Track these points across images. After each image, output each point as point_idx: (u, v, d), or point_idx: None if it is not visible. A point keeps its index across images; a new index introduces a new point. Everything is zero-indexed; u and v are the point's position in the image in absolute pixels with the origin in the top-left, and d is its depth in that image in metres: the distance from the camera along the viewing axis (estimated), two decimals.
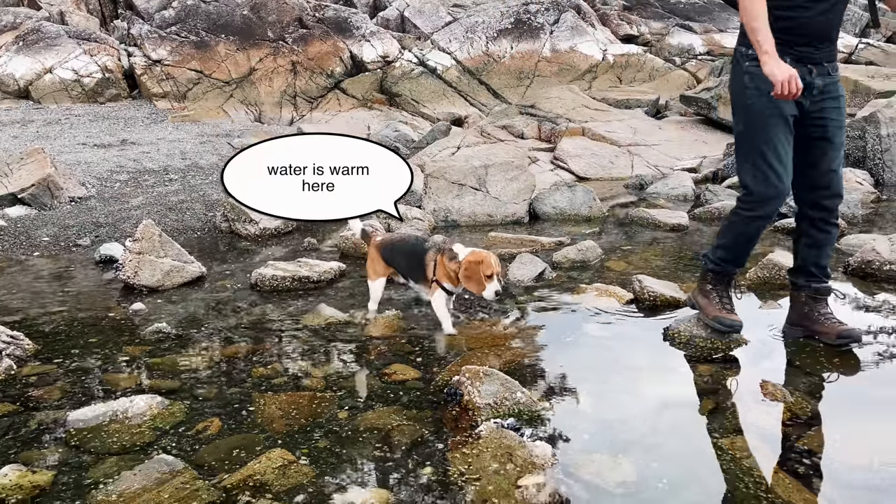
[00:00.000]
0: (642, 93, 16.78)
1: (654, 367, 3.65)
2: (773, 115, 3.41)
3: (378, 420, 3.13)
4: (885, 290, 4.57)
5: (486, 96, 21.32)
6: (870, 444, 2.82)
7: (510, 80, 21.30)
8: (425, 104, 21.09)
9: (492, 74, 21.02)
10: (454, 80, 21.76)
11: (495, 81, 21.53)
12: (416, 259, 4.28)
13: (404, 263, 4.41)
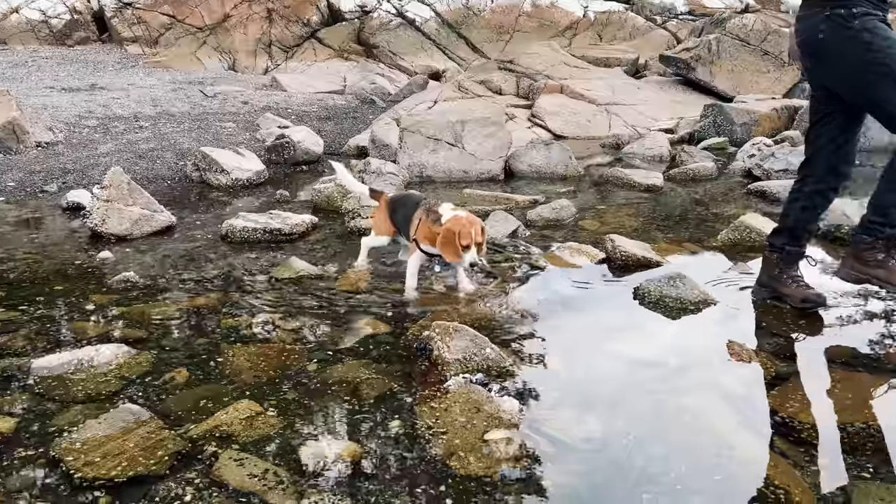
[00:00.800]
0: (622, 51, 16.68)
1: (624, 325, 3.68)
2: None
3: (347, 373, 3.12)
4: None
5: (465, 51, 21.08)
6: (831, 403, 2.86)
7: (490, 34, 21.05)
8: (403, 57, 20.81)
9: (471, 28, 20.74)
10: (433, 33, 21.43)
11: (475, 35, 21.26)
12: (409, 214, 4.18)
13: (401, 220, 4.29)
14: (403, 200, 4.40)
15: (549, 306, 3.92)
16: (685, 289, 3.83)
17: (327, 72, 18.90)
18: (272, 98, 13.72)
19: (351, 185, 4.88)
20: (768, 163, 7.15)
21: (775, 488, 2.33)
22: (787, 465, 2.47)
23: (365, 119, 11.95)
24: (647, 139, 9.30)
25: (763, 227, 4.86)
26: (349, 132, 10.83)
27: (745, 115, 9.38)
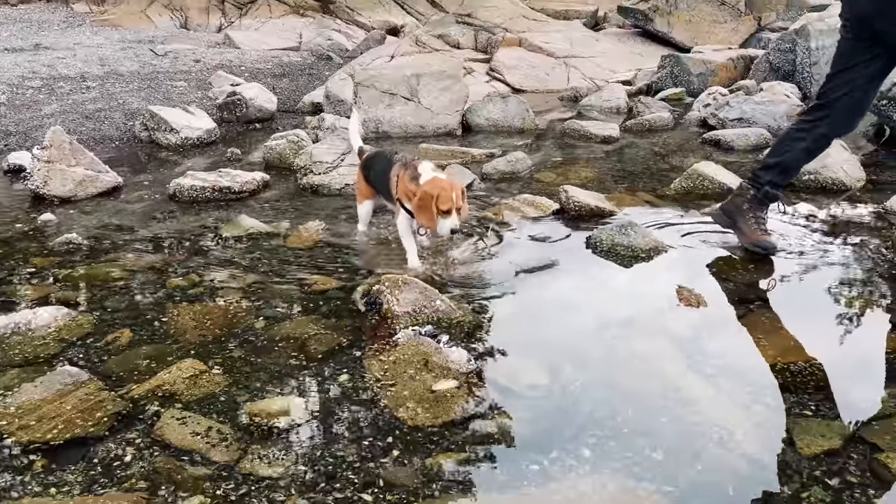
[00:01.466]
0: (581, 3, 16.52)
1: (575, 274, 3.67)
2: None
3: (295, 329, 3.08)
4: (803, 198, 4.68)
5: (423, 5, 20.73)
6: (775, 345, 2.90)
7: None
8: (360, 12, 20.40)
9: None
10: None
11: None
12: (384, 174, 3.84)
13: (376, 179, 3.95)
14: (375, 157, 4.09)
15: (502, 257, 3.89)
16: (636, 237, 3.83)
17: (283, 28, 18.45)
18: (225, 56, 13.36)
19: (352, 136, 4.45)
20: (723, 112, 7.16)
21: (719, 427, 2.36)
22: (732, 405, 2.50)
23: (321, 76, 11.70)
24: (605, 91, 9.24)
25: (715, 175, 4.87)
26: (304, 89, 10.60)
27: (702, 66, 9.37)
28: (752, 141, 6.25)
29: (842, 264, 3.63)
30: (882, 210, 4.33)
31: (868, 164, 5.42)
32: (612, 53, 11.83)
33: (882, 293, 3.31)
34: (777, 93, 7.41)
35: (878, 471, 2.15)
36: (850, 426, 2.36)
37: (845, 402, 2.49)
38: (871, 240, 3.93)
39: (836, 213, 4.38)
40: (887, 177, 5.13)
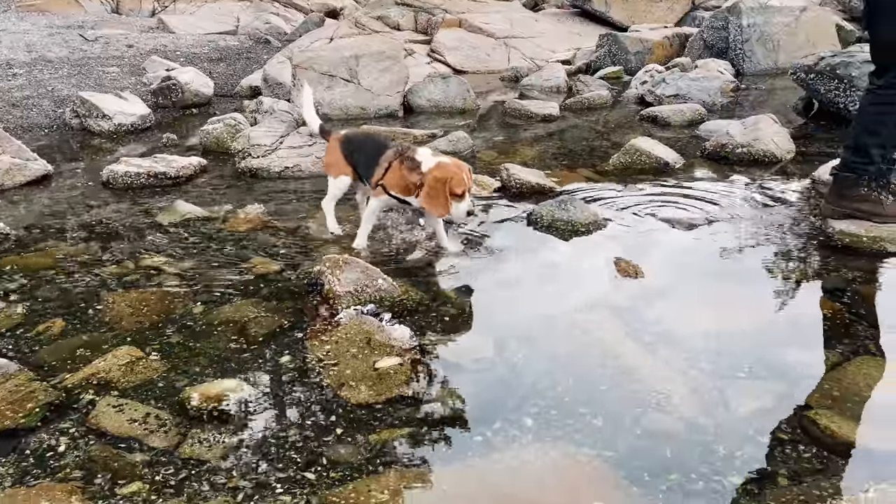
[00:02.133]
0: None
1: (517, 249, 3.69)
2: None
3: (235, 313, 3.03)
4: (737, 171, 4.79)
5: None
6: (710, 312, 2.97)
7: None
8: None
9: None
10: None
11: None
12: (373, 156, 3.68)
13: (363, 161, 3.79)
14: (363, 140, 3.94)
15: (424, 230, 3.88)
16: (576, 211, 3.87)
17: (219, 12, 18.05)
18: (159, 41, 13.01)
19: (307, 112, 4.21)
20: (660, 89, 7.27)
21: (657, 393, 2.41)
22: (670, 370, 2.55)
23: (259, 59, 11.50)
24: (545, 71, 9.31)
25: (652, 150, 4.95)
26: (242, 73, 10.41)
27: (639, 44, 9.50)
28: (688, 116, 6.37)
29: (773, 233, 3.73)
30: (811, 180, 4.46)
31: (798, 136, 5.58)
32: (551, 33, 11.90)
33: (811, 260, 3.42)
34: (711, 69, 7.56)
35: (807, 427, 2.22)
36: (781, 386, 2.44)
37: (777, 364, 2.57)
38: (800, 208, 4.05)
39: (768, 184, 4.50)
40: (816, 148, 5.29)
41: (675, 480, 2.02)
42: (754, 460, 2.09)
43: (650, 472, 2.05)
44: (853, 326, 2.78)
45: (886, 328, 2.78)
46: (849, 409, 2.27)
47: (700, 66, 7.77)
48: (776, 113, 5.82)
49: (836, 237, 3.57)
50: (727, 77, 7.55)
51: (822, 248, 3.52)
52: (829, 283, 3.16)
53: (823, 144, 5.43)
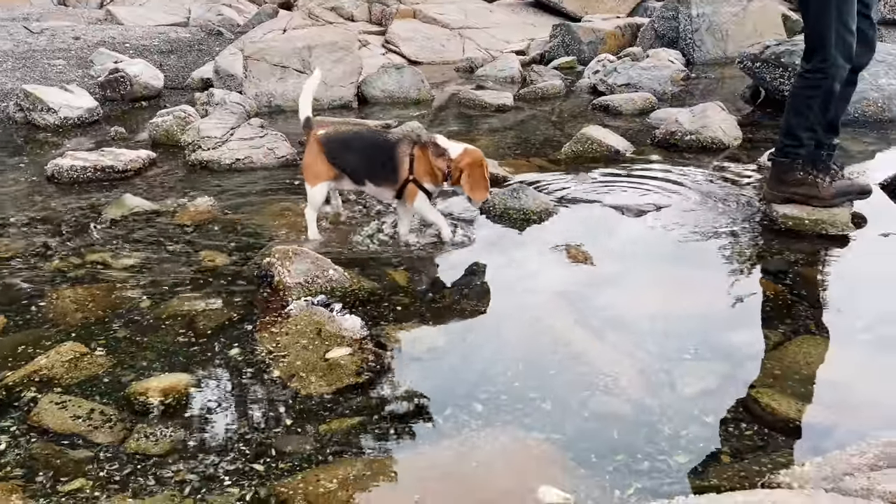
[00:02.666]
0: None
1: (469, 238, 3.70)
2: None
3: (183, 306, 2.99)
4: (686, 158, 4.87)
5: None
6: (657, 295, 3.02)
7: None
8: None
9: None
10: None
11: None
12: (380, 155, 3.52)
13: (361, 162, 3.59)
14: (351, 138, 3.73)
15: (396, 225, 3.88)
16: (528, 200, 3.90)
17: (169, 4, 17.71)
18: (107, 33, 12.73)
19: (305, 99, 3.82)
20: (611, 78, 7.34)
21: (605, 376, 2.44)
22: (617, 354, 2.59)
23: (211, 51, 11.32)
24: (500, 61, 9.33)
25: (604, 139, 5.00)
26: (194, 65, 10.25)
27: (592, 34, 9.57)
28: (639, 105, 6.44)
29: (719, 218, 3.80)
30: (756, 166, 4.55)
31: (745, 123, 5.68)
32: (505, 24, 11.93)
33: (755, 243, 3.49)
34: (662, 59, 7.66)
35: (750, 406, 2.27)
36: (726, 366, 2.49)
37: (721, 346, 2.62)
38: (746, 193, 4.13)
39: (715, 171, 4.58)
40: (762, 135, 5.39)
41: (622, 461, 2.05)
42: (699, 439, 2.13)
43: (597, 454, 2.08)
44: (795, 307, 2.85)
45: (826, 308, 2.85)
46: (789, 387, 2.33)
47: (651, 56, 7.87)
48: (725, 101, 5.92)
49: (780, 221, 3.65)
50: (677, 66, 7.66)
51: (767, 232, 3.60)
52: (773, 266, 3.23)
53: (769, 131, 5.53)
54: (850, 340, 2.63)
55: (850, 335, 2.66)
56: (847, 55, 3.44)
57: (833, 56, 3.43)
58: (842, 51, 3.42)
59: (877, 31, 3.66)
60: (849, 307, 2.86)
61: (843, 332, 2.68)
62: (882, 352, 2.56)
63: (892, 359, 2.51)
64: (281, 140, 5.32)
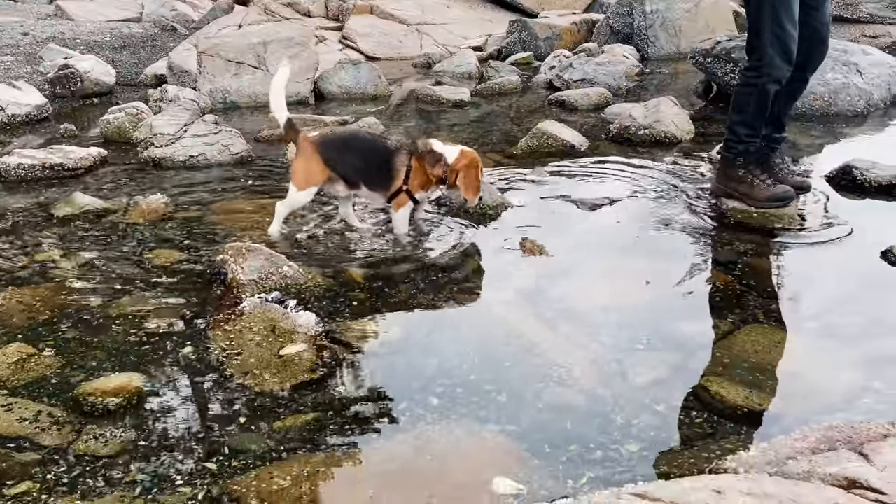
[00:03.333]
0: None
1: (425, 230, 3.70)
2: None
3: (135, 305, 2.94)
4: (639, 152, 4.93)
5: None
6: (610, 287, 3.06)
7: None
8: None
9: None
10: None
11: None
12: (379, 161, 3.51)
13: (359, 165, 3.54)
14: (349, 141, 3.68)
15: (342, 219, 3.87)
16: (484, 195, 3.90)
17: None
18: (57, 28, 12.43)
19: (276, 98, 3.64)
20: (567, 73, 7.40)
21: (559, 367, 2.47)
22: (571, 345, 2.62)
23: (165, 47, 11.13)
24: (457, 57, 9.33)
25: (559, 133, 5.04)
26: (147, 61, 10.06)
27: (548, 30, 9.63)
28: (594, 100, 6.50)
29: (671, 210, 3.85)
30: (708, 159, 4.63)
31: (697, 118, 5.77)
32: (463, 20, 11.94)
33: (706, 235, 3.55)
34: (617, 54, 7.74)
35: (699, 394, 2.32)
36: (676, 356, 2.53)
37: (672, 336, 2.67)
38: (697, 186, 4.20)
39: (668, 164, 4.65)
40: (714, 129, 5.48)
41: (575, 451, 2.07)
42: (650, 428, 2.17)
43: (551, 444, 2.10)
44: (743, 297, 2.91)
45: (773, 298, 2.92)
46: (737, 375, 2.39)
47: (606, 52, 7.94)
48: (678, 96, 6.01)
49: (729, 213, 3.73)
50: (632, 62, 7.74)
51: (717, 224, 3.66)
52: (722, 257, 3.30)
53: (721, 125, 5.58)
54: (796, 329, 2.69)
55: (796, 324, 2.73)
56: (785, 55, 3.49)
57: (769, 56, 3.50)
58: (778, 51, 3.47)
59: (829, 29, 3.70)
60: (795, 297, 2.94)
61: (790, 321, 2.74)
62: (826, 339, 2.63)
63: (835, 346, 2.59)
64: (236, 136, 5.26)
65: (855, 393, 2.29)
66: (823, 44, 3.68)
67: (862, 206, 3.85)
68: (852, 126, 5.49)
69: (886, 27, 7.97)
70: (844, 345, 2.58)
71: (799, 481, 1.57)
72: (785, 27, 3.43)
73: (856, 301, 2.89)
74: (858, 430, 1.77)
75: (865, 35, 7.89)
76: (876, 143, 5.08)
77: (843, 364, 2.46)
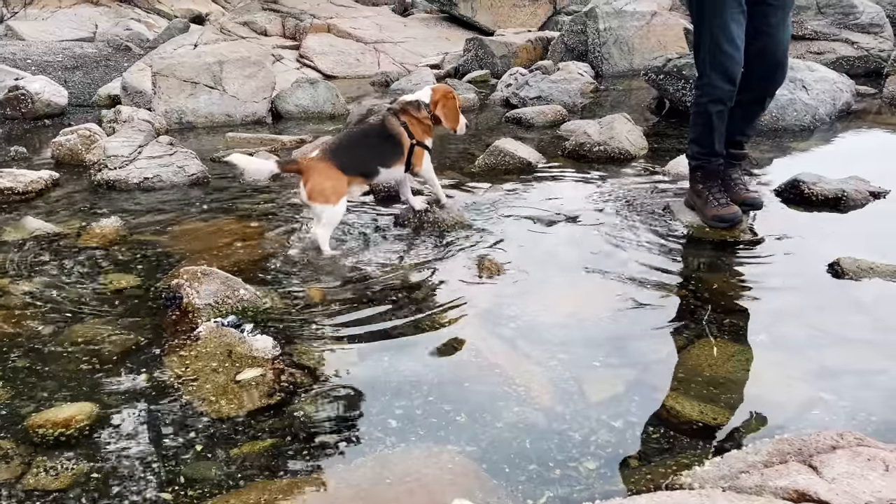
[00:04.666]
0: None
1: (383, 251, 3.70)
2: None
3: (88, 332, 2.89)
4: (595, 168, 5.00)
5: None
6: (567, 304, 3.09)
7: None
8: (161, 0, 19.40)
9: None
10: None
11: None
12: (379, 139, 3.70)
13: (370, 154, 3.70)
14: (348, 140, 3.76)
15: (311, 241, 3.85)
16: (441, 213, 3.93)
17: (75, 18, 17.17)
18: (7, 49, 12.21)
19: (250, 167, 3.69)
20: (523, 91, 7.49)
21: (518, 385, 2.48)
22: (529, 363, 2.63)
23: (119, 67, 11.00)
24: (415, 75, 9.38)
25: (516, 151, 5.09)
26: (100, 81, 9.94)
27: (504, 48, 9.74)
28: (550, 118, 6.59)
29: (626, 225, 3.91)
30: (661, 174, 4.71)
31: (650, 133, 5.88)
32: (420, 38, 12.02)
33: (659, 249, 3.61)
34: (572, 71, 7.86)
35: (655, 410, 2.34)
36: (633, 372, 2.56)
37: (628, 351, 2.71)
38: (651, 202, 4.27)
39: (622, 180, 4.72)
40: (668, 144, 5.59)
41: (534, 470, 2.08)
42: (608, 444, 2.19)
43: (510, 464, 2.11)
44: (697, 311, 2.96)
45: (726, 312, 2.97)
46: (692, 390, 2.42)
47: (562, 69, 8.06)
48: (632, 112, 6.12)
49: (683, 228, 3.79)
50: (587, 79, 7.87)
51: (671, 239, 3.73)
52: (676, 272, 3.35)
53: (675, 141, 5.75)
54: (748, 342, 2.75)
55: (748, 337, 2.78)
56: (725, 76, 3.55)
57: (709, 76, 3.58)
58: (718, 72, 3.55)
59: (786, 53, 3.72)
60: (747, 310, 2.99)
61: (742, 334, 2.80)
62: (776, 352, 2.69)
63: (785, 358, 2.64)
64: (192, 158, 5.21)
65: (805, 405, 2.34)
66: (780, 67, 3.70)
67: (809, 220, 3.96)
68: (799, 140, 5.65)
69: (831, 43, 8.23)
70: (794, 357, 2.64)
71: (751, 496, 1.60)
72: (723, 48, 3.50)
73: (804, 313, 2.95)
74: (808, 442, 1.81)
75: (811, 51, 8.12)
76: (822, 157, 5.23)
77: (793, 376, 2.52)
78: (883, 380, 2.48)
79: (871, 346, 2.71)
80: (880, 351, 2.66)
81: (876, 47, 8.20)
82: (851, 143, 5.64)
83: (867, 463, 1.66)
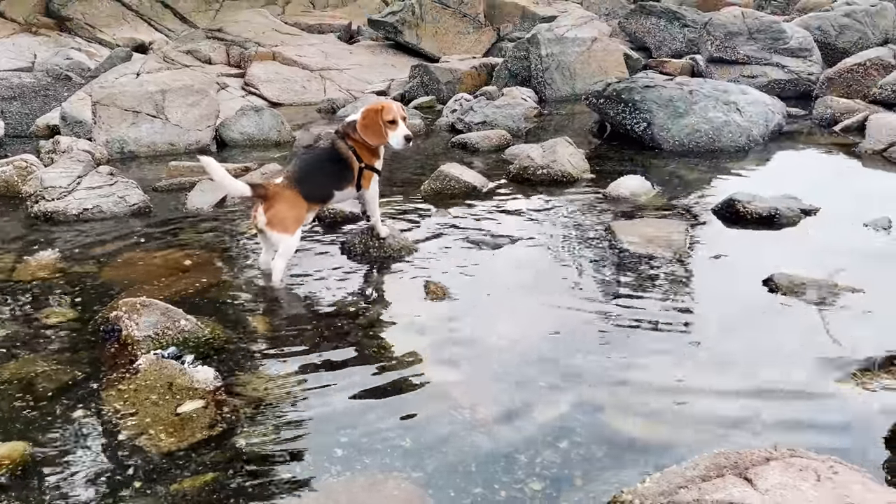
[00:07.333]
0: (334, 18, 16.67)
1: (330, 278, 3.68)
2: None
3: (21, 369, 2.80)
4: (538, 191, 5.07)
5: (172, 21, 19.84)
6: (512, 325, 3.11)
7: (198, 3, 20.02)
8: (102, 29, 19.11)
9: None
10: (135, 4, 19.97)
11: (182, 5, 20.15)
12: (331, 163, 3.66)
13: (324, 180, 3.67)
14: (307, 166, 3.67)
15: (256, 269, 3.82)
16: (388, 238, 3.93)
17: (12, 48, 16.76)
18: None
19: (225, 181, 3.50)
20: (468, 116, 7.56)
21: (463, 408, 2.48)
22: (475, 386, 2.64)
23: (59, 97, 10.78)
24: (361, 102, 9.40)
25: (461, 175, 5.13)
26: (39, 111, 9.73)
27: (449, 74, 9.84)
28: (495, 142, 6.66)
29: (569, 246, 3.97)
30: (602, 195, 4.80)
31: (592, 156, 6.00)
32: (366, 65, 12.07)
33: (602, 269, 3.67)
34: (515, 97, 7.97)
35: (599, 428, 2.37)
36: (577, 391, 2.59)
37: (573, 370, 2.73)
38: (593, 222, 4.34)
39: (565, 202, 4.79)
40: (609, 167, 5.70)
41: (480, 494, 2.09)
42: (553, 465, 2.20)
43: (456, 489, 2.11)
44: (638, 328, 3.01)
45: (666, 328, 3.03)
46: (633, 407, 2.46)
47: (506, 94, 8.17)
48: (575, 135, 6.23)
49: (624, 247, 3.87)
50: (530, 104, 7.99)
51: (612, 258, 3.79)
52: (618, 290, 3.40)
53: (616, 163, 5.87)
54: (688, 358, 2.80)
55: (687, 353, 2.83)
56: None
57: None
58: None
59: None
60: (686, 327, 3.05)
61: (682, 351, 2.85)
62: (715, 367, 2.74)
63: (723, 373, 2.70)
64: (132, 188, 5.12)
65: (742, 418, 2.39)
66: None
67: (744, 237, 4.07)
68: (735, 161, 5.81)
69: (762, 67, 8.52)
70: (732, 372, 2.70)
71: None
72: None
73: (740, 328, 3.03)
74: (743, 455, 1.85)
75: (744, 75, 8.40)
76: (756, 176, 5.39)
77: (730, 391, 2.57)
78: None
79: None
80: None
81: (805, 70, 8.53)
82: (784, 163, 5.83)
83: (799, 473, 1.71)
